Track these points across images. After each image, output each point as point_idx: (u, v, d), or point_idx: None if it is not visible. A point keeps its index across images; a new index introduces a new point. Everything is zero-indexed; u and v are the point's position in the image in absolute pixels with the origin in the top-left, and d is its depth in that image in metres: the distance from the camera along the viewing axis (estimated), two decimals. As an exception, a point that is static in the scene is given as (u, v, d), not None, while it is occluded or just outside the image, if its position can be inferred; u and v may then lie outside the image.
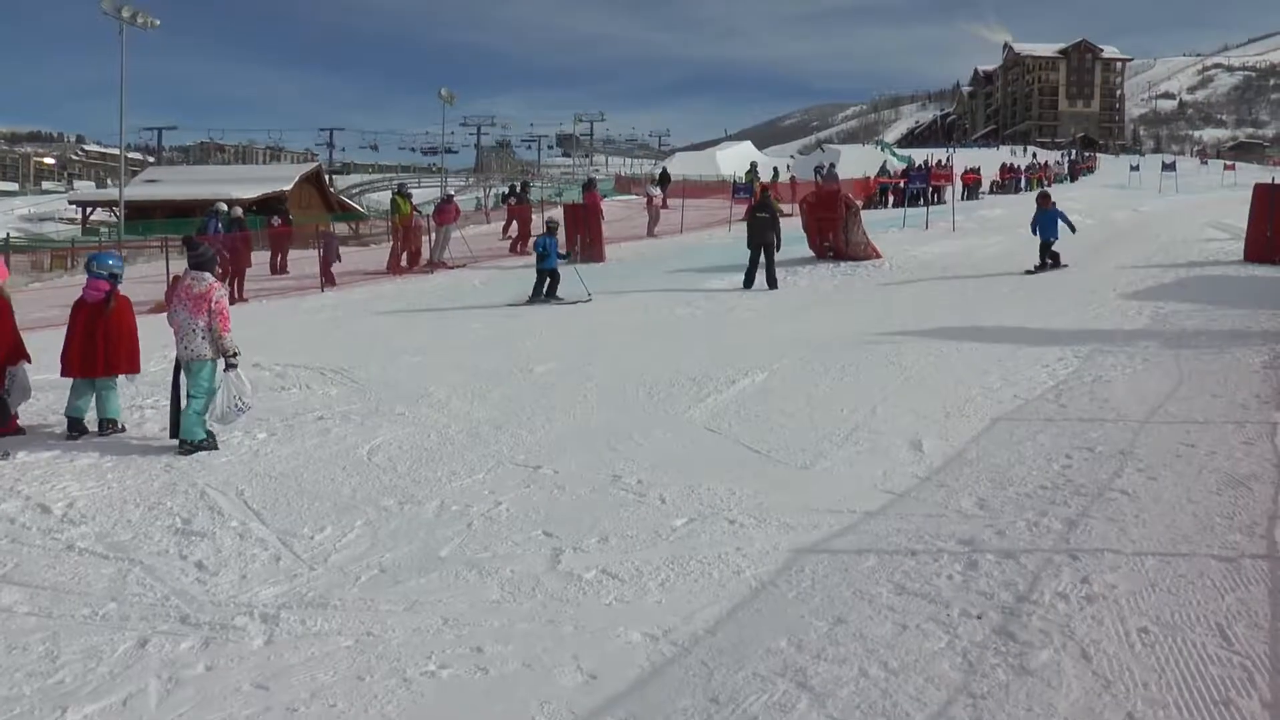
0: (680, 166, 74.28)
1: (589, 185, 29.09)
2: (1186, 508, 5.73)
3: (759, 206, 18.87)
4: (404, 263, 23.71)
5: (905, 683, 3.93)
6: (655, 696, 3.94)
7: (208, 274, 8.01)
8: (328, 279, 21.14)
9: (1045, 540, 5.38)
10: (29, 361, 8.49)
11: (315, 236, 23.94)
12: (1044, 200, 18.96)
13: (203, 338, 7.86)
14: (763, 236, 17.85)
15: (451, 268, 23.27)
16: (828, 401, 8.83)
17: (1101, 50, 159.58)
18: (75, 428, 8.44)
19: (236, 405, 7.90)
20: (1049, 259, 18.14)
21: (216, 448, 7.87)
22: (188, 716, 3.92)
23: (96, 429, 8.47)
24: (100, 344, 8.38)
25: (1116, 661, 4.00)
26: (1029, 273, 17.75)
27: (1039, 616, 4.43)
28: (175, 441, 8.01)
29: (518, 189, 31.82)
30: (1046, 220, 18.31)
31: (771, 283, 17.60)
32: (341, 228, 41.52)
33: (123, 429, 8.55)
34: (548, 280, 17.18)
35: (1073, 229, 18.37)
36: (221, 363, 7.94)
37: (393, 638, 4.54)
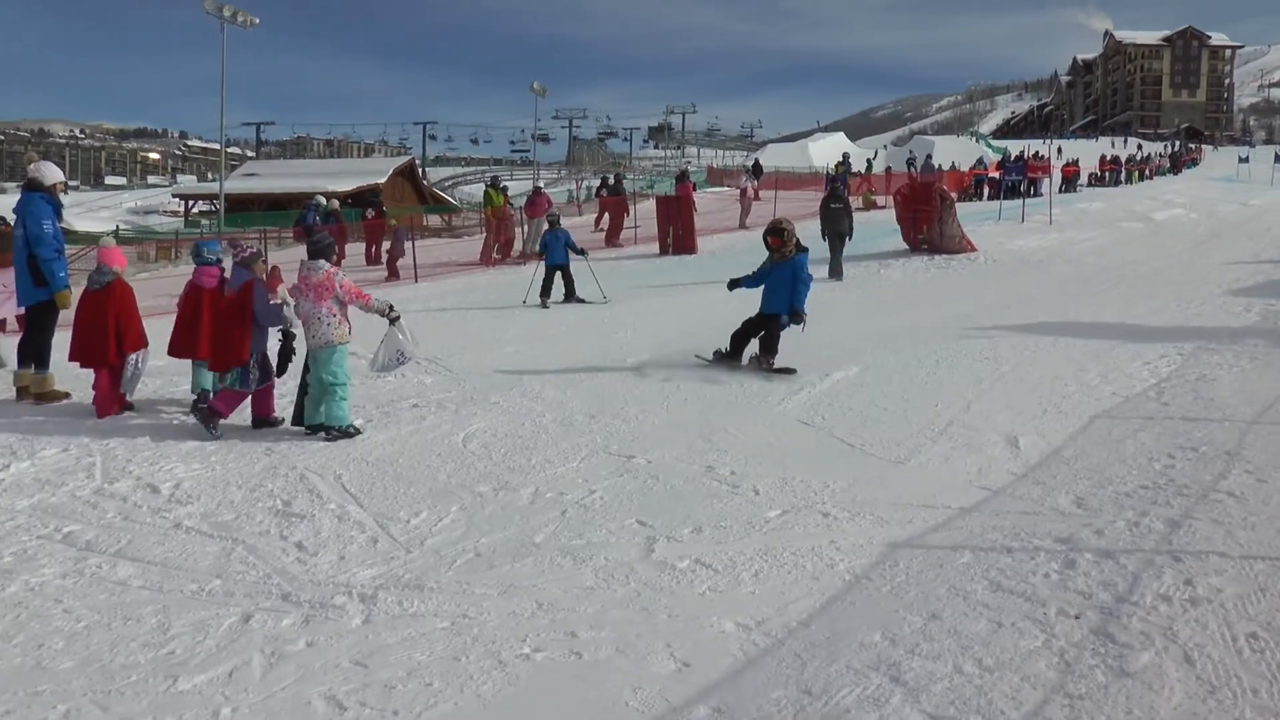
0: (772, 158, 74.18)
1: (682, 177, 29.19)
2: (1298, 511, 5.55)
3: (832, 197, 18.85)
4: (496, 254, 24.05)
5: (1000, 680, 3.88)
6: (748, 686, 3.95)
7: (323, 261, 8.12)
8: (392, 273, 21.72)
9: (1146, 541, 5.25)
10: (147, 348, 8.85)
11: (390, 231, 24.47)
12: (777, 238, 10.15)
13: (328, 325, 7.91)
14: (836, 226, 17.80)
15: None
16: (922, 396, 8.72)
17: (1209, 37, 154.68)
18: (204, 400, 8.65)
19: (398, 356, 8.24)
20: (765, 350, 9.99)
21: (360, 432, 7.96)
22: (290, 689, 4.03)
23: (190, 404, 8.67)
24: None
25: (1222, 667, 3.89)
26: (708, 361, 10.29)
27: (1139, 618, 4.33)
28: (277, 427, 8.22)
29: (610, 181, 31.98)
30: (777, 280, 10.06)
31: (837, 273, 17.48)
32: (435, 220, 42.33)
33: None
34: (556, 277, 16.30)
35: (801, 316, 9.87)
36: (382, 330, 8.22)
37: (488, 620, 4.60)
